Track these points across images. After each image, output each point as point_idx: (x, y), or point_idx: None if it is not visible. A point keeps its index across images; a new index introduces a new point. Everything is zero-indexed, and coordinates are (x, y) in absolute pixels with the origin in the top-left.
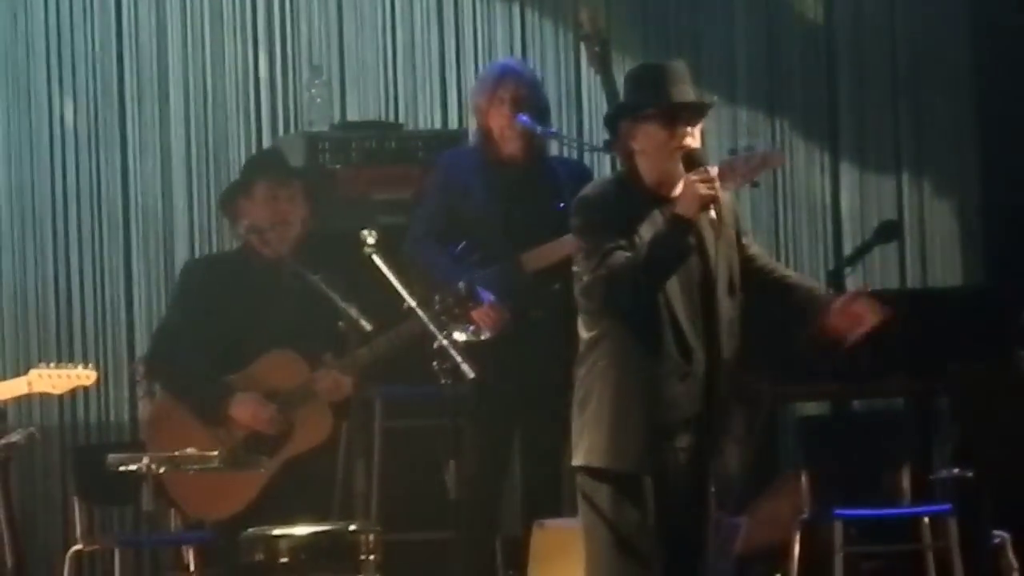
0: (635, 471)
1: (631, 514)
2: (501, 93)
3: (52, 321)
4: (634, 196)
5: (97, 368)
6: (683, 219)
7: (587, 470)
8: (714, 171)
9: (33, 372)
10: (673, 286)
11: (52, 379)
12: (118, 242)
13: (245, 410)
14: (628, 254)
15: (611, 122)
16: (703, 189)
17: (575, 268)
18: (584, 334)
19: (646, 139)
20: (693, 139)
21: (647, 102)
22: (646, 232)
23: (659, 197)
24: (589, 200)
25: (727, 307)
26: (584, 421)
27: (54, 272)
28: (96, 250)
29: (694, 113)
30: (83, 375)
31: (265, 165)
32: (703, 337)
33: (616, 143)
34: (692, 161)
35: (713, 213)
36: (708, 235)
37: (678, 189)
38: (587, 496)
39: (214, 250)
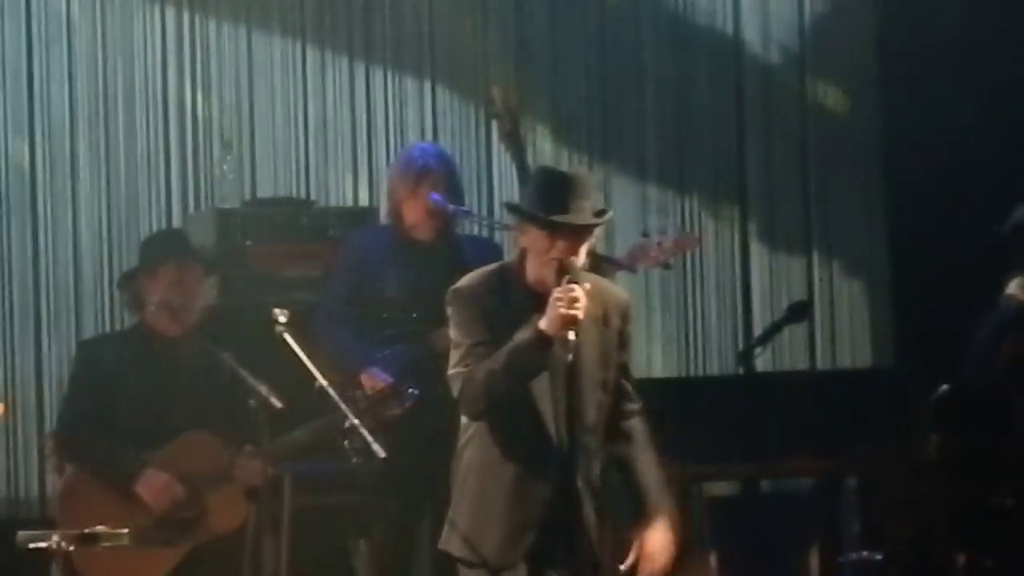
0: (493, 564)
1: None
2: (423, 189)
3: None
4: (513, 288)
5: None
6: (544, 335)
7: (450, 556)
8: (580, 291)
9: None
10: (540, 385)
11: None
12: (28, 316)
13: (149, 489)
14: (489, 354)
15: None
16: (563, 309)
17: None
18: (462, 420)
19: (529, 240)
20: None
21: (535, 209)
22: (518, 327)
23: (538, 295)
24: (461, 293)
25: (595, 405)
26: (453, 507)
27: None
28: (5, 324)
29: (577, 232)
30: None
31: (170, 247)
32: (568, 435)
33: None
34: (563, 274)
35: (572, 335)
36: (585, 336)
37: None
38: None
39: (125, 325)
